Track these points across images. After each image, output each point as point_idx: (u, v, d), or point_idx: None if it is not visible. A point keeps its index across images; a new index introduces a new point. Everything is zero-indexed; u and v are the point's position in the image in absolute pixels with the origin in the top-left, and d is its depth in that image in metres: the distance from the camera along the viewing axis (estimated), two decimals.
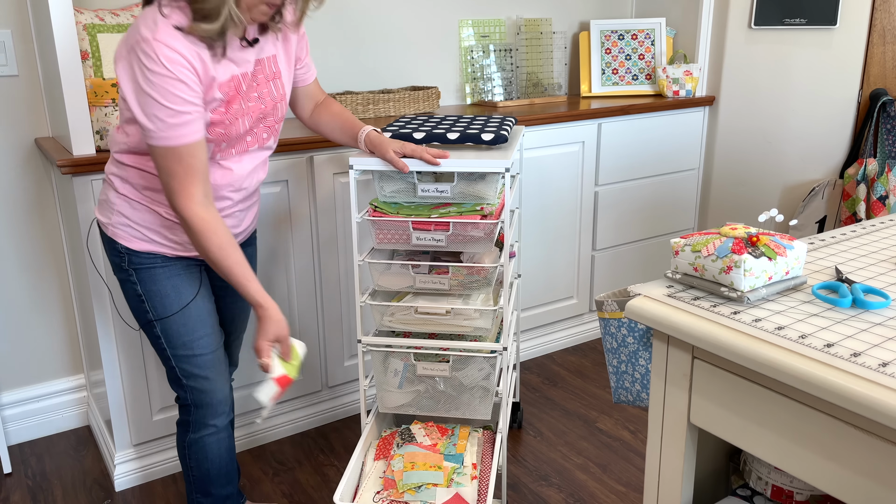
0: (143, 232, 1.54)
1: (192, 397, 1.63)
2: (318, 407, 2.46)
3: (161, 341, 1.59)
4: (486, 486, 1.68)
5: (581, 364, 2.87)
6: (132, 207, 1.54)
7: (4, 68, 2.18)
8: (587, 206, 2.86)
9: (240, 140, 1.53)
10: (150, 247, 1.55)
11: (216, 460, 1.69)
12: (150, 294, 1.56)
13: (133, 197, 1.53)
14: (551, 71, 3.06)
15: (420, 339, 1.84)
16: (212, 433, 1.67)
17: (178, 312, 1.57)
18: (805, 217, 2.83)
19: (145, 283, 1.56)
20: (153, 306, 1.57)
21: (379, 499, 1.63)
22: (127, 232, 1.54)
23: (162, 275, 1.56)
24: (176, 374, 1.61)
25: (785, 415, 1.00)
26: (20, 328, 2.37)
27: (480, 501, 1.64)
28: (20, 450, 2.37)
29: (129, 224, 1.54)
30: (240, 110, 1.48)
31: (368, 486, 1.68)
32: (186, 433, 1.67)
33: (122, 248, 1.55)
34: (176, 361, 1.60)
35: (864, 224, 1.51)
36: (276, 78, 1.56)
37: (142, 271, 1.56)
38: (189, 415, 1.65)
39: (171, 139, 1.37)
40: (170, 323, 1.57)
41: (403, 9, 2.78)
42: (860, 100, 2.77)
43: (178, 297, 1.57)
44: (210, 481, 1.70)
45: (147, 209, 1.53)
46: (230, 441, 1.71)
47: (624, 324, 1.36)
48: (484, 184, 1.75)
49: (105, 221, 1.57)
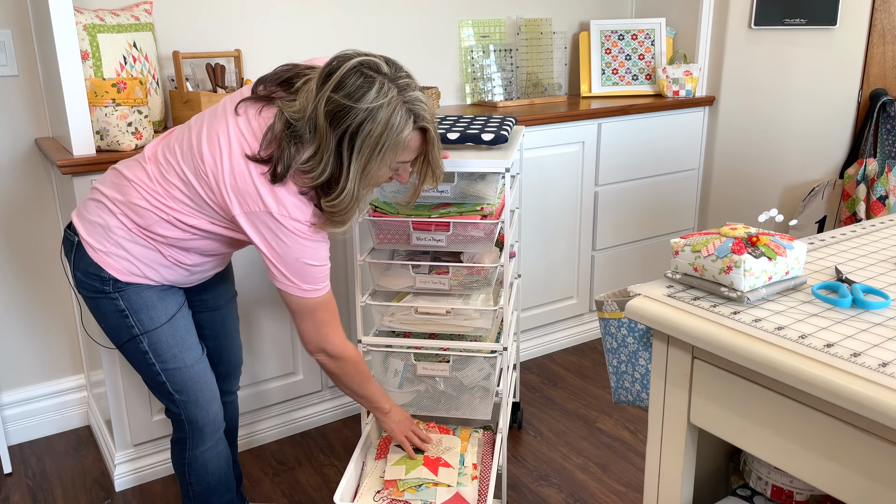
0: (139, 267, 1.47)
1: (186, 413, 1.57)
2: (318, 407, 2.46)
3: (148, 356, 1.51)
4: (487, 486, 1.68)
5: (581, 364, 2.87)
6: (135, 243, 1.45)
7: (4, 68, 2.18)
8: (587, 206, 2.86)
9: None
10: (141, 280, 1.48)
11: (216, 472, 1.66)
12: (134, 307, 1.48)
13: (141, 235, 1.46)
14: (551, 71, 3.06)
15: (420, 339, 1.84)
16: (210, 447, 1.63)
17: (166, 323, 1.50)
18: (805, 217, 2.84)
19: (129, 298, 1.47)
20: (139, 320, 1.49)
21: (379, 498, 1.63)
22: (121, 265, 1.46)
23: (146, 288, 1.49)
24: (167, 389, 1.55)
25: (785, 415, 1.00)
26: (20, 328, 2.37)
27: (481, 501, 1.64)
28: (20, 450, 2.37)
29: (128, 259, 1.46)
30: None
31: (369, 485, 1.68)
32: (184, 451, 1.62)
33: (109, 276, 1.46)
34: (166, 376, 1.53)
35: (864, 224, 1.51)
36: None
37: (130, 295, 1.48)
38: (184, 432, 1.60)
39: (322, 289, 1.49)
40: (158, 335, 1.50)
41: (403, 9, 2.78)
42: (860, 100, 2.77)
43: (164, 308, 1.51)
44: (211, 493, 1.68)
45: (153, 249, 1.47)
46: (227, 450, 1.69)
47: (624, 324, 1.36)
48: (484, 184, 1.75)
49: (94, 245, 1.46)
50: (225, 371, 1.82)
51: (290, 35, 2.56)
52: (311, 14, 2.58)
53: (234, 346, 1.84)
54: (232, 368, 1.85)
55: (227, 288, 1.78)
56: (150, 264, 1.48)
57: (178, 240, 1.47)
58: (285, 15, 2.53)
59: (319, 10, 2.60)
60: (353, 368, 1.61)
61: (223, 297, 1.76)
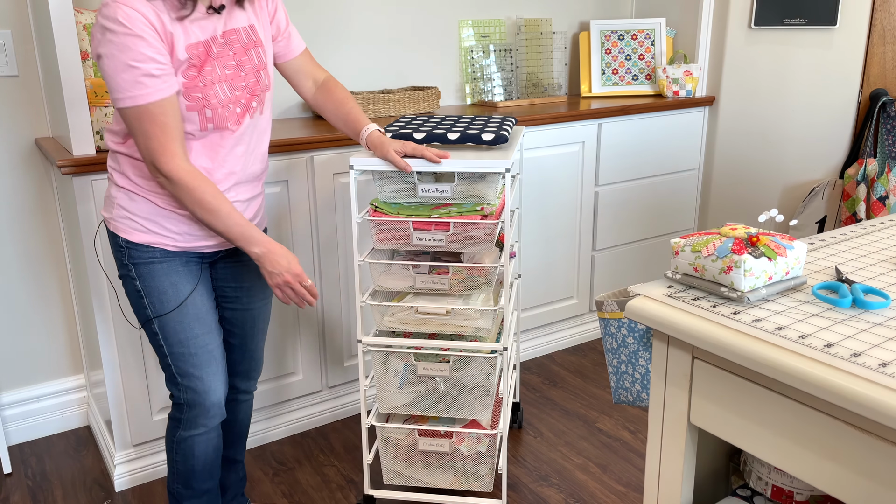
0: (140, 223, 1.54)
1: (185, 397, 1.63)
2: (318, 407, 2.46)
3: (158, 338, 1.59)
4: (500, 410, 1.66)
5: (581, 364, 2.87)
6: (130, 199, 1.54)
7: (4, 68, 2.18)
8: (587, 206, 2.86)
9: (227, 111, 1.51)
10: (149, 237, 1.55)
11: (202, 458, 1.70)
12: (148, 290, 1.57)
13: (129, 188, 1.54)
14: (551, 71, 3.06)
15: (420, 340, 1.84)
16: (201, 433, 1.67)
17: (175, 310, 1.57)
18: (805, 217, 2.84)
19: (144, 279, 1.56)
20: (151, 303, 1.57)
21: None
22: (126, 224, 1.55)
23: (160, 271, 1.57)
24: (172, 372, 1.61)
25: (785, 415, 1.00)
26: (20, 328, 2.37)
27: (493, 425, 1.62)
28: (20, 450, 2.37)
29: (129, 216, 1.55)
30: (215, 75, 1.48)
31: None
32: (177, 429, 1.67)
33: (123, 241, 1.56)
34: (172, 359, 1.60)
35: (864, 224, 1.51)
36: (256, 46, 1.56)
37: (141, 266, 1.56)
38: (181, 413, 1.65)
39: (138, 98, 1.38)
40: (167, 320, 1.57)
41: (403, 9, 2.78)
42: (860, 100, 2.77)
43: (175, 294, 1.57)
44: (193, 476, 1.71)
45: (144, 199, 1.54)
46: (218, 440, 1.71)
47: (624, 324, 1.36)
48: (484, 184, 1.75)
49: (108, 216, 1.58)
50: (245, 370, 1.83)
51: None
52: (311, 14, 2.58)
53: (257, 346, 1.84)
54: (252, 368, 1.85)
55: (264, 287, 1.78)
56: (148, 216, 1.54)
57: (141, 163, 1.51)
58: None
59: (319, 11, 2.60)
60: (188, 196, 1.45)
61: (259, 296, 1.78)
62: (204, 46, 1.46)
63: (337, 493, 2.12)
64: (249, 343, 1.81)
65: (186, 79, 1.45)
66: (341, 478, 2.19)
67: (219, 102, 1.49)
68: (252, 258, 1.55)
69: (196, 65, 1.45)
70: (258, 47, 1.57)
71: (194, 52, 1.45)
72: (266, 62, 1.59)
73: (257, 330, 1.81)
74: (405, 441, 1.92)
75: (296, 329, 2.33)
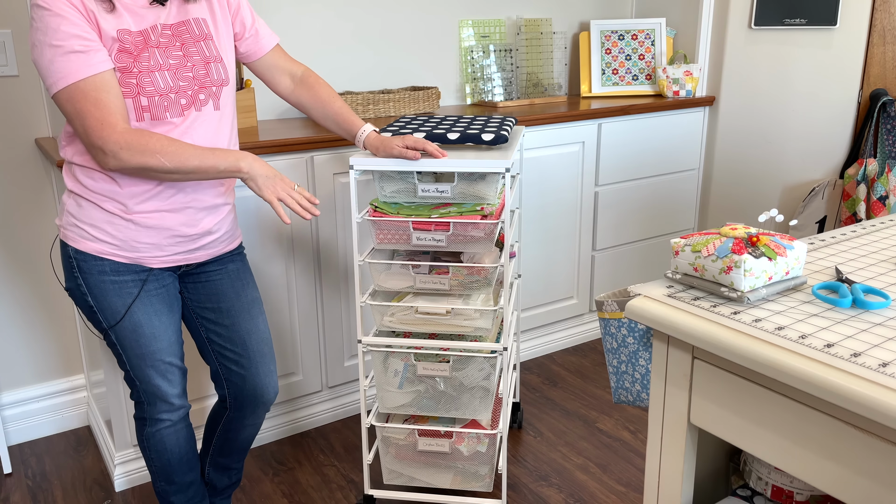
0: (87, 230, 1.51)
1: (145, 397, 1.63)
2: (318, 407, 2.46)
3: (116, 347, 1.59)
4: (499, 410, 1.66)
5: (581, 364, 2.87)
6: (78, 204, 1.52)
7: (4, 68, 2.18)
8: (587, 206, 2.86)
9: (167, 101, 1.47)
10: (97, 246, 1.51)
11: (175, 450, 1.69)
12: (99, 302, 1.54)
13: (78, 192, 1.51)
14: (551, 71, 3.06)
15: (420, 340, 1.84)
16: (167, 426, 1.67)
17: (125, 317, 1.54)
18: (805, 217, 2.84)
19: (93, 292, 1.54)
20: (104, 317, 1.55)
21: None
22: (74, 232, 1.53)
23: (109, 283, 1.53)
24: (129, 376, 1.62)
25: (785, 415, 1.00)
26: (20, 328, 2.37)
27: (493, 425, 1.62)
28: (20, 450, 2.37)
29: (76, 224, 1.52)
30: (154, 63, 1.45)
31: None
32: (144, 427, 1.67)
33: (72, 251, 1.53)
34: (131, 367, 1.60)
35: (864, 224, 1.51)
36: (206, 39, 1.54)
37: (90, 277, 1.53)
38: (144, 411, 1.65)
39: (67, 76, 1.35)
40: (121, 329, 1.55)
41: (403, 9, 2.78)
42: (860, 100, 2.77)
43: (122, 301, 1.54)
44: (172, 470, 1.71)
45: (91, 204, 1.51)
46: (188, 431, 1.71)
47: (624, 324, 1.36)
48: (484, 184, 1.75)
49: (59, 224, 1.57)
50: (251, 398, 1.73)
51: (290, 35, 2.56)
52: (310, 14, 2.58)
53: (263, 371, 1.72)
54: (258, 396, 1.73)
55: (247, 306, 1.70)
56: (94, 223, 1.51)
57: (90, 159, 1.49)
58: (285, 15, 2.53)
59: (318, 11, 2.60)
60: (139, 151, 1.39)
61: (244, 317, 1.69)
62: (142, 35, 1.44)
63: (337, 493, 2.12)
64: (252, 369, 1.71)
65: (119, 62, 1.42)
66: (341, 478, 2.19)
67: (156, 90, 1.45)
68: (244, 180, 1.49)
69: (131, 51, 1.42)
70: (208, 40, 1.54)
71: (129, 39, 1.42)
72: (221, 56, 1.56)
73: (255, 353, 1.70)
74: (405, 441, 1.92)
75: (296, 329, 2.33)
